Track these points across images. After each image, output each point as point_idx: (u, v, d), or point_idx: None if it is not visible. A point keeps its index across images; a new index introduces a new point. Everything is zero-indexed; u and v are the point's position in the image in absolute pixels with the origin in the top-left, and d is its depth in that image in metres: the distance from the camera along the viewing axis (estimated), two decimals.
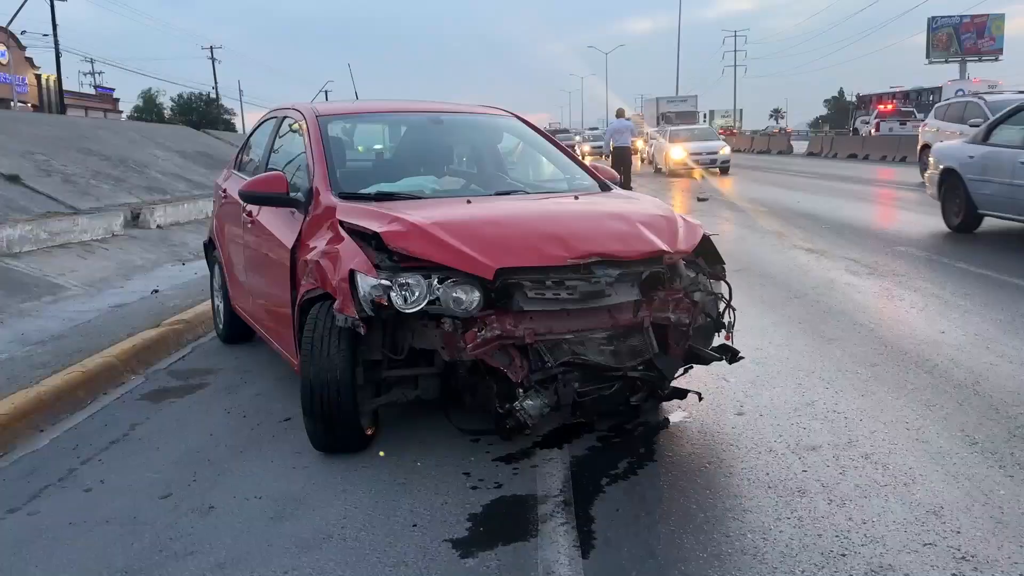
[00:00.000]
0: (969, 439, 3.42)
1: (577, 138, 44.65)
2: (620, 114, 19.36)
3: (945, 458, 3.25)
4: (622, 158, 17.65)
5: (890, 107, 37.58)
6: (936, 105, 20.08)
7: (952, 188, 9.38)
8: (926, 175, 10.36)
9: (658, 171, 26.23)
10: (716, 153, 24.30)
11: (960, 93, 38.27)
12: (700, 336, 3.61)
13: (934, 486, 3.01)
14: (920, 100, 38.60)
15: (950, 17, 55.73)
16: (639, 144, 35.63)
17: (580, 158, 5.17)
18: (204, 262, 6.29)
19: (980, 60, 55.96)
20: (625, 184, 11.27)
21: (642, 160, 32.76)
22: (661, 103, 56.83)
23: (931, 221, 10.02)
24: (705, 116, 57.58)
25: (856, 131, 41.78)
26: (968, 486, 3.00)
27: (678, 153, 24.13)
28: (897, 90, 42.60)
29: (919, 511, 2.82)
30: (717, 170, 24.22)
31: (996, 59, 56.01)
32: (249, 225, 4.52)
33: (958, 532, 2.67)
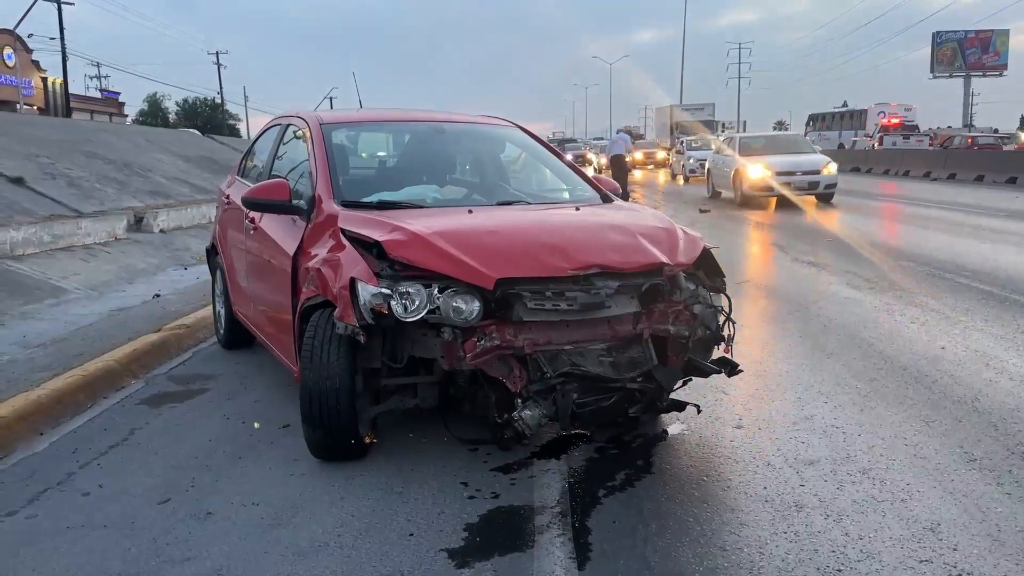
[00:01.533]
0: (967, 456, 3.42)
1: (585, 148, 43.17)
2: (624, 129, 21.40)
3: (943, 474, 3.25)
4: (619, 168, 18.89)
5: (896, 121, 38.37)
6: None
7: None
8: None
9: (716, 195, 18.57)
10: (817, 172, 16.01)
11: (881, 115, 39.35)
12: (699, 348, 3.62)
13: (931, 502, 3.01)
14: (853, 119, 40.79)
15: (954, 32, 55.91)
16: (660, 154, 36.11)
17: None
18: (206, 267, 6.30)
19: (984, 75, 56.16)
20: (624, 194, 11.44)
21: (673, 175, 29.67)
22: (676, 110, 52.07)
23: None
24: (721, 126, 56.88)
25: None
26: (966, 503, 2.99)
27: (757, 172, 16.05)
28: (836, 111, 45.31)
29: (916, 527, 2.82)
30: (813, 198, 16.26)
31: (1000, 74, 56.23)
32: (251, 231, 4.54)
33: (955, 549, 2.67)
